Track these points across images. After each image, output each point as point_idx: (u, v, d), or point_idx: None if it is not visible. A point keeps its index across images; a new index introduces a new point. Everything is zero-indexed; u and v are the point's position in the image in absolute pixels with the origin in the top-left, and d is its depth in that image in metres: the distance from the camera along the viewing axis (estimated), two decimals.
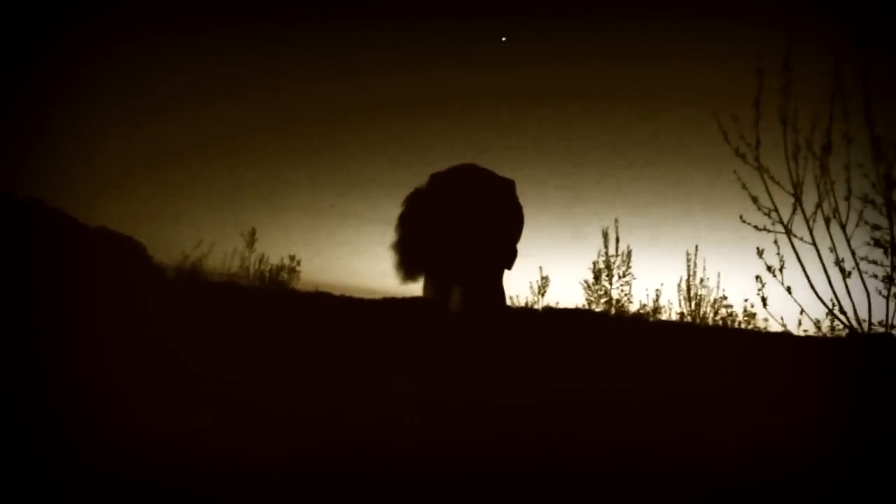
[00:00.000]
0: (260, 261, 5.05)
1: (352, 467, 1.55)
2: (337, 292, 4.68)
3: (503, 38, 6.81)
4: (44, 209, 1.63)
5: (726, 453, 1.77)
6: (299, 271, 5.17)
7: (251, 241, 5.01)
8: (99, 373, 1.96)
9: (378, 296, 4.55)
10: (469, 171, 1.94)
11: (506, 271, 2.18)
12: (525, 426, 2.10)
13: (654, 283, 5.85)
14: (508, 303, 2.49)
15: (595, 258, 5.38)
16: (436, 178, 1.94)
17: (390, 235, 1.91)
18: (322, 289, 4.88)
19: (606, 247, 5.34)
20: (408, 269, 1.88)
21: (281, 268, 5.07)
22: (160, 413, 1.73)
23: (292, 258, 5.17)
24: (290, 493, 1.38)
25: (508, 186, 2.01)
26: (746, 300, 4.87)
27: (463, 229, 1.90)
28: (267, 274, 5.01)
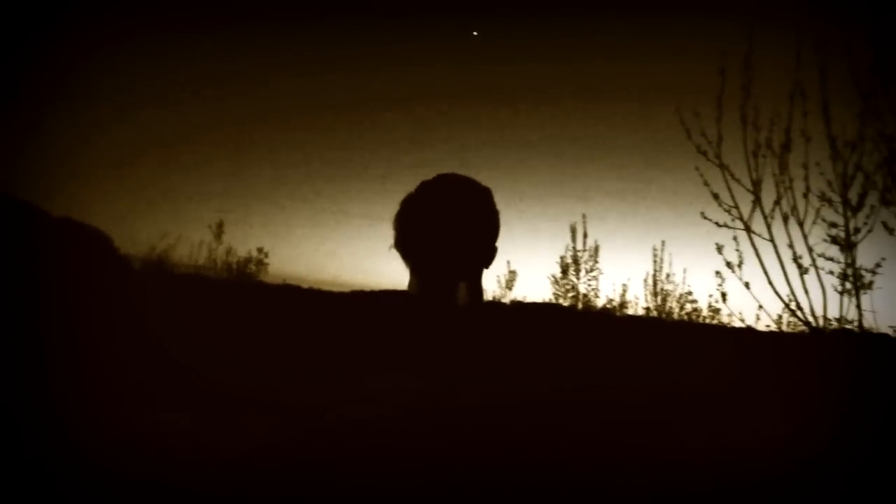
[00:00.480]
0: (227, 253, 5.02)
1: (320, 464, 1.57)
2: (305, 285, 4.69)
3: (475, 33, 6.84)
4: (5, 199, 1.63)
5: (701, 453, 1.82)
6: (267, 263, 5.15)
7: (219, 232, 4.97)
8: (61, 365, 1.96)
9: (347, 289, 4.57)
10: (453, 179, 2.22)
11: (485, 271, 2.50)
12: (495, 425, 2.13)
13: (621, 278, 5.92)
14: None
15: (563, 253, 5.44)
16: (425, 186, 2.21)
17: (390, 235, 2.19)
18: (290, 281, 4.88)
19: (574, 241, 5.39)
20: (412, 262, 2.16)
21: (248, 260, 5.05)
22: (126, 407, 1.73)
23: (260, 250, 5.15)
24: (258, 490, 1.40)
25: (487, 194, 2.32)
26: (711, 296, 4.94)
27: (452, 231, 2.18)
28: (234, 266, 4.98)
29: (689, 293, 5.26)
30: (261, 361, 2.44)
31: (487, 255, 2.34)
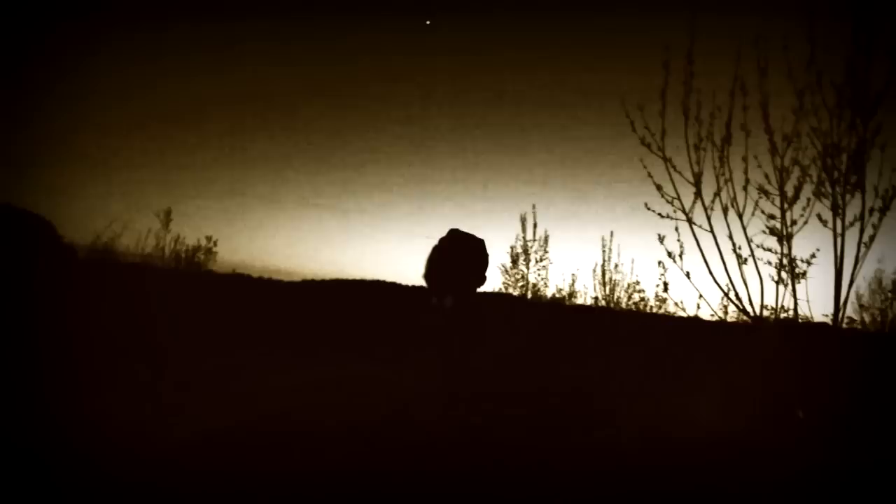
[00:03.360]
0: (175, 241, 4.96)
1: (262, 448, 1.58)
2: (255, 274, 4.64)
3: (427, 22, 6.84)
4: None
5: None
6: (216, 252, 5.11)
7: (166, 221, 4.92)
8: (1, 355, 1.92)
9: (297, 278, 4.55)
10: (460, 235, 3.43)
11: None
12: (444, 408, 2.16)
13: (570, 267, 5.99)
14: None
15: (513, 242, 5.49)
16: (444, 240, 3.41)
17: (424, 268, 3.42)
18: (239, 270, 4.85)
19: (524, 231, 5.45)
20: (432, 286, 3.36)
21: (197, 248, 4.99)
22: (63, 395, 1.71)
23: (209, 239, 5.10)
24: (189, 477, 1.40)
25: (482, 243, 3.52)
26: (657, 285, 5.03)
27: (460, 268, 3.34)
28: (183, 255, 4.92)
29: (637, 283, 5.36)
30: (209, 350, 2.42)
31: (480, 281, 3.53)
